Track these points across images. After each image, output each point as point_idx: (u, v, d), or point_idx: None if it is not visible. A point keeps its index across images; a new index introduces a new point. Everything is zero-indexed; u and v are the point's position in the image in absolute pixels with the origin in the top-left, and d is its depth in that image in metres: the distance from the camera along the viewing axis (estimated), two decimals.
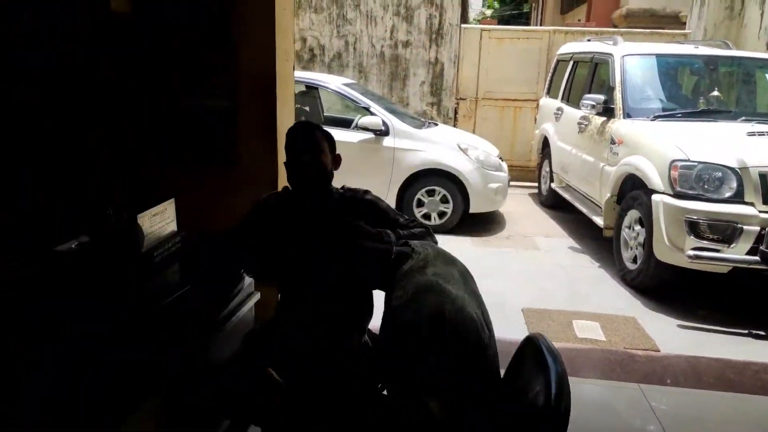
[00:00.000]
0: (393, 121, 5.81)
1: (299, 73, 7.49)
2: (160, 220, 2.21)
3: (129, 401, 1.45)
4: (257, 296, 2.46)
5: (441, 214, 5.78)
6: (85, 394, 1.41)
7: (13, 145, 2.93)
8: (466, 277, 1.67)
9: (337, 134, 5.84)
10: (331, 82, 6.48)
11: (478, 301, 1.61)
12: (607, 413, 2.68)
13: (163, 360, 1.64)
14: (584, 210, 5.46)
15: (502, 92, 8.41)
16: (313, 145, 1.93)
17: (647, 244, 4.07)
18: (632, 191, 4.46)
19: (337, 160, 2.05)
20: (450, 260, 1.72)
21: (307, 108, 6.75)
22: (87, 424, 1.34)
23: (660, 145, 4.22)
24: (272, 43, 2.89)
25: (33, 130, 2.98)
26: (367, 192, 2.05)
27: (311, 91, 6.63)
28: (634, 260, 4.32)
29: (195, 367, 1.89)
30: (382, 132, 5.71)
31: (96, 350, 1.53)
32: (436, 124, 6.83)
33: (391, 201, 5.76)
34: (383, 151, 5.74)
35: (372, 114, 5.80)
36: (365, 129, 5.74)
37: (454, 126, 8.19)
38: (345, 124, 6.06)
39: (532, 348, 1.45)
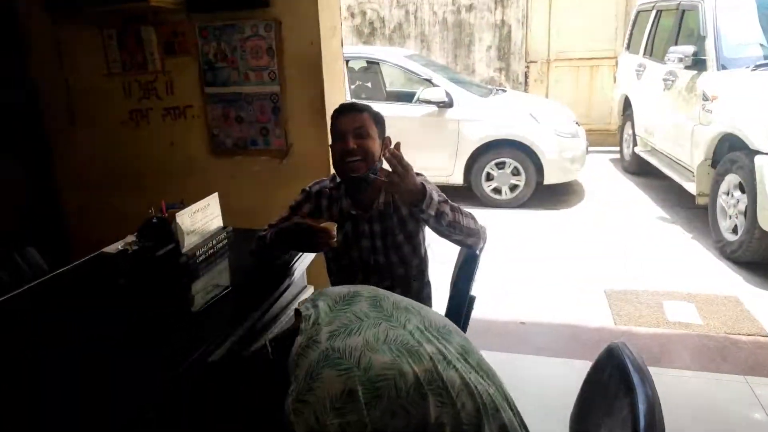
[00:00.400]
0: (457, 92, 5.50)
1: (359, 48, 7.31)
2: (203, 217, 2.10)
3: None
4: (310, 290, 2.33)
5: (512, 188, 5.44)
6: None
7: None
8: (440, 330, 1.11)
9: (400, 109, 5.83)
10: (392, 55, 6.24)
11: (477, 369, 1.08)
12: (706, 411, 2.35)
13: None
14: (673, 176, 4.94)
15: (576, 51, 7.80)
16: (359, 130, 1.74)
17: (750, 213, 3.58)
18: (730, 153, 3.95)
19: (386, 144, 1.84)
20: (398, 305, 1.12)
21: (369, 84, 6.56)
22: None
23: (764, 98, 3.68)
24: (316, 19, 2.70)
25: None
26: (418, 174, 1.84)
27: (372, 66, 6.44)
28: (734, 230, 3.84)
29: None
30: (446, 104, 5.41)
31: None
32: (505, 91, 6.44)
33: (457, 176, 5.50)
34: (448, 123, 5.45)
35: (434, 85, 5.51)
36: (428, 102, 5.46)
37: (525, 91, 7.72)
38: (408, 98, 5.83)
39: (615, 363, 1.19)
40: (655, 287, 3.50)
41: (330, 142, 1.84)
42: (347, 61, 5.95)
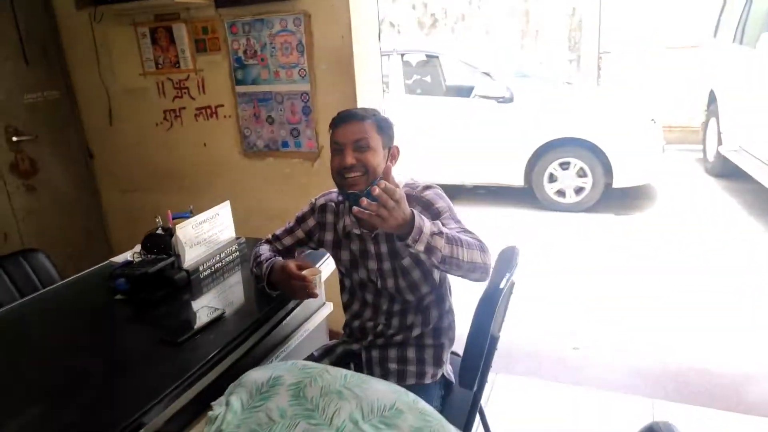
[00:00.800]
0: (518, 86, 5.14)
1: (416, 42, 7.05)
2: (210, 228, 1.95)
3: None
4: (329, 308, 2.13)
5: (578, 190, 5.02)
6: None
7: None
8: None
9: (458, 104, 5.54)
10: (451, 47, 5.94)
11: None
12: None
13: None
14: (764, 180, 4.37)
15: (654, 40, 7.15)
16: (359, 142, 1.51)
17: None
18: None
19: (393, 154, 1.61)
20: (328, 391, 0.92)
21: (428, 78, 6.30)
22: None
23: None
24: (347, 11, 2.48)
25: None
26: (427, 187, 1.60)
27: (431, 60, 6.16)
28: None
29: None
30: (505, 99, 5.07)
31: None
32: (572, 84, 5.98)
33: (517, 177, 5.15)
34: (507, 120, 5.10)
35: (493, 79, 5.18)
36: (485, 97, 5.14)
37: (597, 84, 7.17)
38: (469, 92, 5.52)
39: None
40: (739, 318, 3.04)
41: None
42: (402, 55, 5.75)
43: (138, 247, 1.97)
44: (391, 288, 1.66)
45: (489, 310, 1.47)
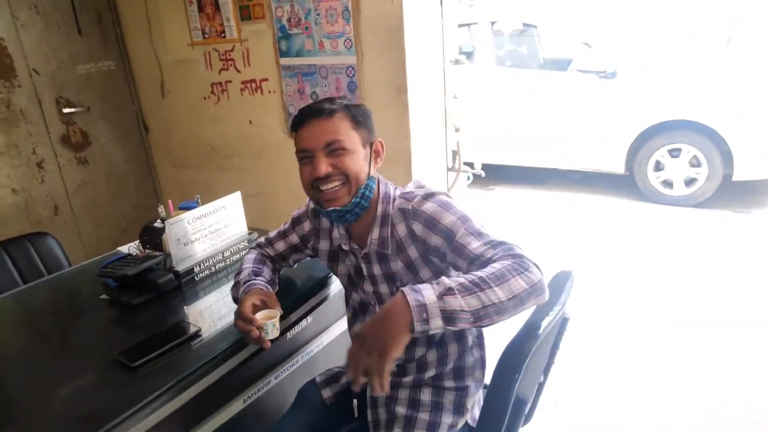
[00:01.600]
0: (622, 59, 4.47)
1: (511, 9, 6.41)
2: (214, 222, 1.71)
3: None
4: (338, 328, 1.84)
5: (689, 182, 4.31)
6: None
7: None
8: None
9: (553, 78, 4.95)
10: (549, 15, 5.31)
11: None
12: None
13: None
14: None
15: None
16: (331, 145, 1.17)
17: None
18: None
19: (377, 151, 1.26)
20: None
21: (523, 49, 5.73)
22: None
23: None
24: None
25: None
26: (428, 196, 1.21)
27: (528, 29, 5.57)
28: None
29: None
30: (607, 73, 4.43)
31: None
32: (689, 56, 5.15)
33: (617, 162, 4.51)
34: (609, 98, 4.46)
35: (593, 51, 4.55)
36: (584, 71, 4.53)
37: (722, 58, 6.17)
38: (566, 65, 4.92)
39: None
40: None
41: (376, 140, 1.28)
42: (492, 23, 5.22)
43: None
44: None
45: (513, 365, 1.09)
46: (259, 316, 1.22)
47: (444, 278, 1.00)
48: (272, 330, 1.21)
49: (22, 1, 2.64)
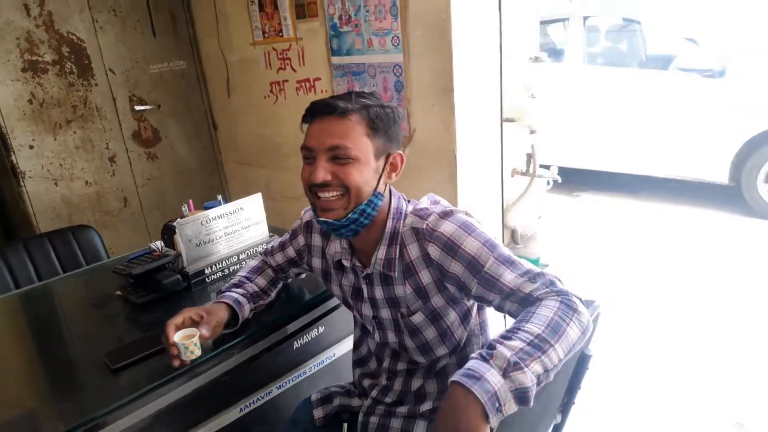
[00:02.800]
0: (732, 56, 3.96)
1: (610, 4, 5.93)
2: (230, 223, 1.68)
3: None
4: (343, 347, 1.74)
5: None
6: None
7: None
8: None
9: (651, 78, 4.51)
10: (649, 10, 4.86)
11: None
12: None
13: None
14: None
15: None
16: (336, 150, 1.03)
17: None
18: None
19: (394, 165, 1.10)
20: None
21: (622, 46, 5.29)
22: None
23: None
24: None
25: None
26: (446, 215, 1.07)
27: (630, 24, 5.14)
28: None
29: None
30: (713, 72, 3.95)
31: None
32: None
33: (721, 172, 4.03)
34: (714, 99, 3.99)
35: (699, 47, 4.08)
36: (688, 69, 4.08)
37: None
38: (668, 63, 4.48)
39: None
40: None
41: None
42: (585, 19, 4.85)
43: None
44: (392, 343, 1.22)
45: None
46: (180, 334, 1.15)
47: (500, 348, 0.84)
48: (184, 351, 1.12)
49: (102, 5, 2.80)
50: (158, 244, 1.75)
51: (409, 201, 1.17)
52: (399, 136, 1.11)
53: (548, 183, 3.91)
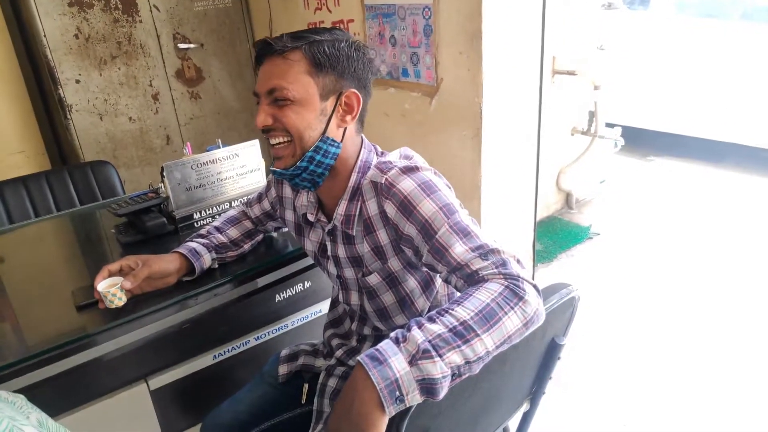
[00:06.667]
0: None
1: None
2: (221, 170, 1.64)
3: None
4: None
5: None
6: None
7: None
8: None
9: (750, 32, 3.95)
10: None
11: None
12: None
13: None
14: None
15: None
16: (274, 92, 0.95)
17: None
18: None
19: (349, 105, 1.00)
20: None
21: None
22: None
23: None
24: None
25: None
26: (408, 170, 0.96)
27: None
28: None
29: None
30: None
31: None
32: None
33: None
34: None
35: None
36: None
37: None
38: None
39: None
40: None
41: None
42: None
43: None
44: (355, 306, 1.16)
45: None
46: (106, 283, 1.15)
47: (415, 331, 0.76)
48: (107, 299, 1.13)
49: None
50: (161, 185, 1.75)
51: (382, 153, 1.08)
52: (360, 73, 1.00)
53: (615, 144, 3.59)
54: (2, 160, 2.69)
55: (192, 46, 3.01)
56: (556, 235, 3.14)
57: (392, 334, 0.78)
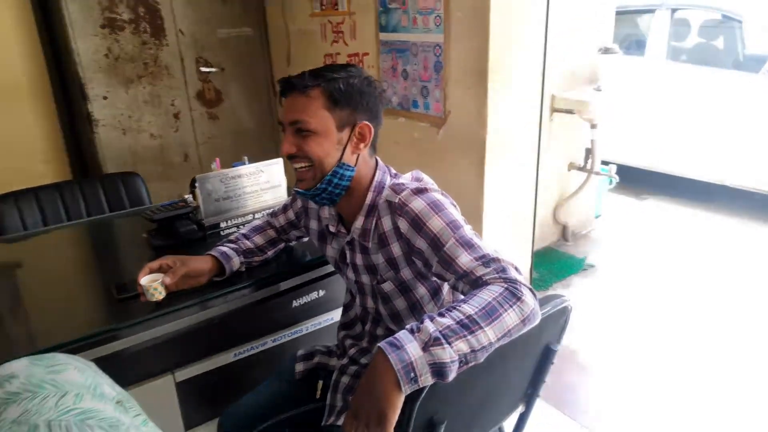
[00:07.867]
0: None
1: None
2: (246, 184, 1.79)
3: None
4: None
5: None
6: None
7: None
8: None
9: (738, 80, 4.16)
10: (752, 7, 4.48)
11: None
12: None
13: None
14: None
15: None
16: (296, 124, 1.10)
17: None
18: None
19: (362, 134, 1.15)
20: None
21: (717, 43, 4.93)
22: None
23: None
24: None
25: None
26: (419, 192, 1.10)
27: (728, 21, 4.77)
28: None
29: None
30: None
31: None
32: None
33: None
34: None
35: None
36: None
37: None
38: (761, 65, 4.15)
39: None
40: None
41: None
42: (673, 11, 4.56)
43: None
44: (370, 309, 1.29)
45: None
46: (148, 278, 1.29)
47: (427, 323, 0.89)
48: (146, 291, 1.28)
49: None
50: (190, 196, 1.90)
51: (395, 175, 1.23)
52: (372, 105, 1.14)
53: (610, 182, 3.76)
54: (29, 169, 2.84)
55: (213, 69, 3.20)
56: (552, 264, 3.26)
57: (407, 326, 0.92)
